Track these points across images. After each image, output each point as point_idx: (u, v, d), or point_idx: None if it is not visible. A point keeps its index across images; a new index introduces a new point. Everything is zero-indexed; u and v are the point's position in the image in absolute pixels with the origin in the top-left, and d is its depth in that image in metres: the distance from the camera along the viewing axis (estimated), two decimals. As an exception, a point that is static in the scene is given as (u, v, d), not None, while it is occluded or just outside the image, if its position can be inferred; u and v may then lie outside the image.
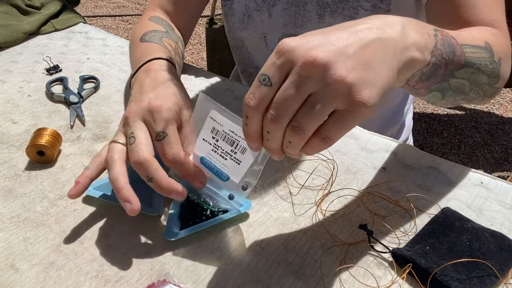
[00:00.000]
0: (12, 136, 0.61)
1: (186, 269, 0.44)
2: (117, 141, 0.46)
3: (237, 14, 0.75)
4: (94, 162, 0.47)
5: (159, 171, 0.44)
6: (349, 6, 0.65)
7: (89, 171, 0.46)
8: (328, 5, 0.66)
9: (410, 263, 0.43)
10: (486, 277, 0.42)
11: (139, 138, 0.45)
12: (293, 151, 0.35)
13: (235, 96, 0.71)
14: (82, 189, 0.46)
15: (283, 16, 0.70)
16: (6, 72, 0.77)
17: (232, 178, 0.44)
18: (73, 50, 0.84)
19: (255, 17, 0.73)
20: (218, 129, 0.43)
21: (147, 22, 0.70)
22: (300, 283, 0.43)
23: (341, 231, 0.48)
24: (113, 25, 2.93)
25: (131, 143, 0.45)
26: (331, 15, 0.67)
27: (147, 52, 0.61)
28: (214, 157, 0.44)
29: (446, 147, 1.90)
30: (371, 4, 0.64)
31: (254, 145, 0.37)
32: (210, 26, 1.69)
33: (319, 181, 0.54)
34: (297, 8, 0.69)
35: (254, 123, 0.35)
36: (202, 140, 0.45)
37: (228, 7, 0.75)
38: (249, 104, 0.34)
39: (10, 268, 0.44)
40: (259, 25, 0.74)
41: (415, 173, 0.56)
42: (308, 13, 0.68)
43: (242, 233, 0.48)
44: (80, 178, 0.46)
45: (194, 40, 2.74)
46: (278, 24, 0.71)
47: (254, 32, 0.75)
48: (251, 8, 0.73)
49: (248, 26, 0.75)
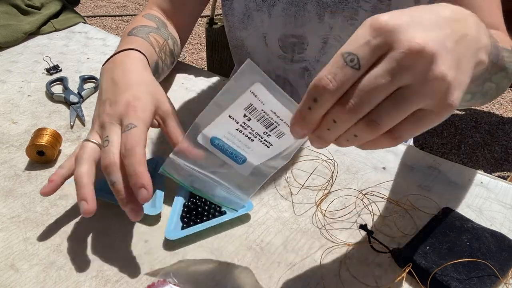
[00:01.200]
0: (12, 136, 0.61)
1: (186, 269, 0.44)
2: (90, 140, 0.46)
3: (237, 14, 0.75)
4: (69, 161, 0.47)
5: (123, 179, 0.42)
6: (349, 7, 0.65)
7: (63, 170, 0.46)
8: (328, 5, 0.66)
9: (410, 263, 0.43)
10: (486, 277, 0.42)
11: (112, 142, 0.44)
12: (352, 144, 0.31)
13: (235, 96, 0.71)
14: (55, 188, 0.45)
15: (283, 16, 0.70)
16: (6, 72, 0.77)
17: (251, 160, 0.39)
18: (73, 50, 0.84)
19: (255, 17, 0.73)
20: (256, 107, 0.36)
21: (140, 18, 0.70)
22: (300, 283, 0.43)
23: (341, 231, 0.48)
24: (113, 25, 2.93)
25: (104, 146, 0.44)
26: (331, 15, 0.67)
27: (127, 44, 0.60)
28: (234, 138, 0.39)
29: (446, 147, 1.90)
30: (371, 5, 0.65)
31: (304, 132, 0.32)
32: (210, 26, 1.69)
33: (319, 181, 0.54)
34: (297, 9, 0.69)
35: (322, 109, 0.30)
36: (227, 117, 0.37)
37: (228, 6, 0.76)
38: (327, 86, 0.28)
39: (10, 268, 0.44)
40: (259, 25, 0.74)
41: (415, 173, 0.56)
42: (308, 13, 0.68)
43: (242, 233, 0.48)
44: (54, 176, 0.45)
45: (194, 40, 2.74)
46: (278, 24, 0.71)
47: (254, 32, 0.75)
48: (251, 8, 0.73)
49: (248, 26, 0.75)
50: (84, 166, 0.44)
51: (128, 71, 0.52)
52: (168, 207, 0.50)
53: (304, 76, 0.75)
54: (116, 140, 0.44)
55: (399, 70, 0.27)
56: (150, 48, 0.62)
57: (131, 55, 0.56)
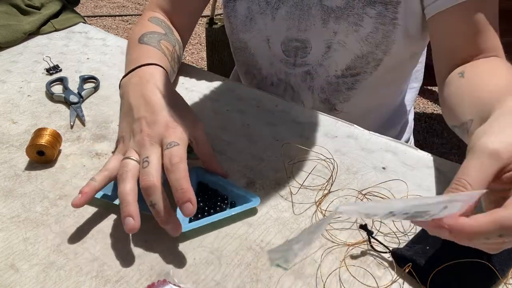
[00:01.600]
0: (12, 136, 0.61)
1: (186, 269, 0.44)
2: (130, 158, 0.48)
3: (240, 17, 0.75)
4: (101, 176, 0.48)
5: (163, 200, 0.45)
6: (354, 13, 0.65)
7: (96, 183, 0.47)
8: (333, 10, 0.66)
9: (410, 263, 0.43)
10: (486, 277, 0.42)
11: (152, 163, 0.46)
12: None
13: (235, 96, 0.71)
14: (87, 200, 0.46)
15: (287, 19, 0.70)
16: (6, 72, 0.77)
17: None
18: (73, 50, 0.84)
19: (258, 20, 0.73)
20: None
21: (146, 23, 0.70)
22: (300, 283, 0.43)
23: (341, 231, 0.48)
24: (113, 25, 2.93)
25: (144, 166, 0.46)
26: (336, 21, 0.67)
27: (144, 55, 0.61)
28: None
29: (446, 147, 1.90)
30: (376, 12, 0.64)
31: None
32: (210, 26, 1.69)
33: (319, 181, 0.54)
34: (301, 12, 0.68)
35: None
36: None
37: (231, 8, 0.75)
38: None
39: (10, 268, 0.44)
40: (262, 28, 0.73)
41: (415, 173, 0.56)
42: (313, 18, 0.68)
43: (242, 233, 0.48)
44: (86, 189, 0.46)
45: (194, 40, 2.74)
46: (281, 28, 0.71)
47: (257, 35, 0.75)
48: (254, 11, 0.72)
49: (251, 29, 0.75)
50: (128, 184, 0.45)
51: (158, 90, 0.54)
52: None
53: (306, 80, 0.75)
54: (156, 161, 0.46)
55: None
56: (164, 58, 0.63)
57: (156, 71, 0.57)
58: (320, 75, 0.73)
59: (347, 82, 0.73)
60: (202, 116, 0.66)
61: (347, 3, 0.65)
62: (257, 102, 0.70)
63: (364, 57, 0.69)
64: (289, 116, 0.66)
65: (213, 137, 0.61)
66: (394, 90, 0.79)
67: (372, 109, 0.78)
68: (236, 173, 0.56)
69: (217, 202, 0.50)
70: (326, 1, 0.66)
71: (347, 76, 0.72)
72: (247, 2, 0.73)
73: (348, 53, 0.69)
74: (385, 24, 0.65)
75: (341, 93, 0.74)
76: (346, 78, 0.72)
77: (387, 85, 0.76)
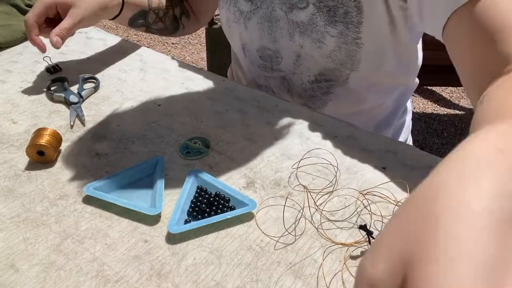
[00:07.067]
0: (12, 136, 0.61)
1: (186, 269, 0.44)
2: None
3: (224, 23, 0.79)
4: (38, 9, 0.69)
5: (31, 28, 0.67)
6: (316, 30, 0.65)
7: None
8: (297, 25, 0.67)
9: (410, 263, 0.43)
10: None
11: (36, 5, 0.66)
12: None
13: (235, 96, 0.71)
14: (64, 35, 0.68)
15: (258, 30, 0.71)
16: (6, 72, 0.77)
17: None
18: (73, 50, 0.84)
19: (234, 28, 0.76)
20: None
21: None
22: (300, 283, 0.43)
23: (341, 231, 0.48)
24: (113, 25, 2.92)
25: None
26: (300, 35, 0.67)
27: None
28: None
29: (446, 147, 1.90)
30: (338, 31, 0.64)
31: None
32: (210, 26, 1.69)
33: (318, 181, 0.54)
34: (270, 24, 0.69)
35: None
36: None
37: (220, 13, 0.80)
38: None
39: (10, 268, 0.44)
40: (237, 36, 0.77)
41: (415, 173, 0.56)
42: (280, 30, 0.69)
43: (242, 233, 0.48)
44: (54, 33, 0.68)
45: (194, 40, 2.74)
46: (254, 37, 0.73)
47: (235, 42, 0.79)
48: (231, 19, 0.75)
49: (231, 36, 0.79)
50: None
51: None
52: (168, 208, 0.50)
53: (284, 84, 0.76)
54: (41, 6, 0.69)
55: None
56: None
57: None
58: (295, 82, 0.75)
59: (322, 87, 0.73)
60: (202, 116, 0.66)
61: (310, 19, 0.65)
62: (257, 102, 0.70)
63: (332, 71, 0.70)
64: (289, 116, 0.66)
65: (213, 137, 0.61)
66: (378, 95, 0.76)
67: (358, 112, 0.76)
68: (236, 173, 0.56)
69: (219, 204, 0.50)
70: (292, 16, 0.66)
71: (321, 81, 0.72)
72: (226, 10, 0.75)
73: (317, 64, 0.70)
74: (348, 44, 0.65)
75: (317, 98, 0.75)
76: (320, 83, 0.72)
77: (369, 89, 0.74)
